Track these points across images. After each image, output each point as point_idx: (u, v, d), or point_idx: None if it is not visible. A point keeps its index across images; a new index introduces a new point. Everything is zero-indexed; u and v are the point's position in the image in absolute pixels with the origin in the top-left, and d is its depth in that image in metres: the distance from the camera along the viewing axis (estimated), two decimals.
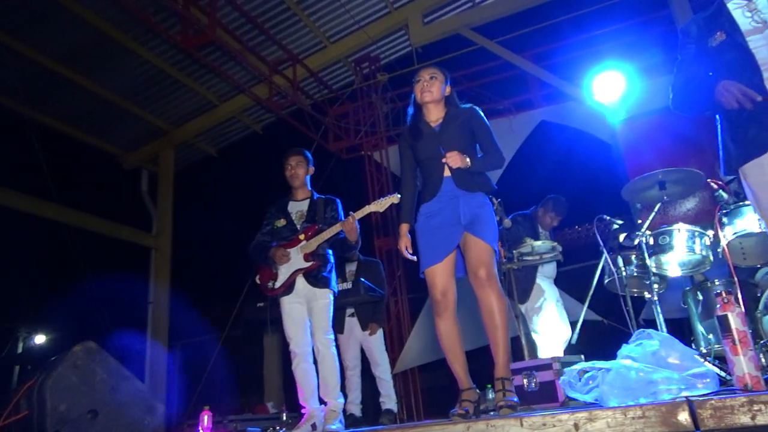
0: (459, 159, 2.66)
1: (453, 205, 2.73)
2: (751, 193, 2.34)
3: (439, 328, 2.72)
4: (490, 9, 7.15)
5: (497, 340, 2.59)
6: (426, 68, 2.92)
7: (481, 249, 2.65)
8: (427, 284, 2.76)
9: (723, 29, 2.32)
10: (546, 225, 4.72)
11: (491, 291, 2.60)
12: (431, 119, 2.91)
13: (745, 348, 1.78)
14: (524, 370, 3.55)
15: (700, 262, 3.65)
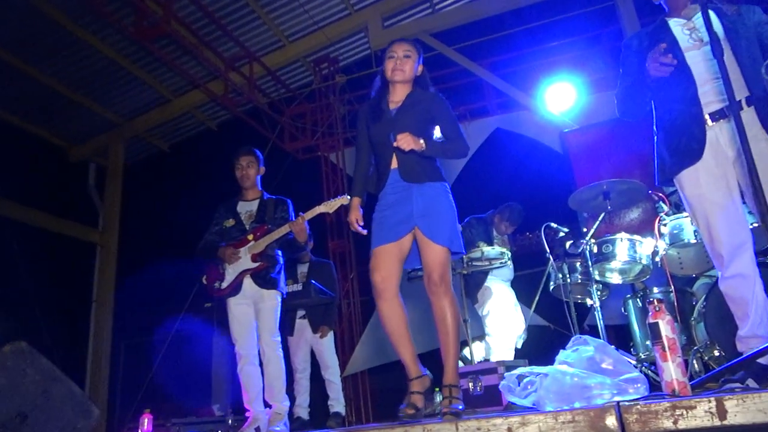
0: (411, 141, 2.44)
1: (406, 196, 2.57)
2: (687, 203, 2.45)
3: (381, 310, 2.56)
4: (449, 16, 7.23)
5: (448, 346, 2.50)
6: (400, 43, 2.68)
7: (435, 252, 2.51)
8: (370, 267, 2.60)
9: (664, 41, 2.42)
10: (501, 231, 4.79)
11: (444, 296, 2.51)
12: (394, 100, 2.70)
13: (673, 354, 1.84)
14: (470, 374, 3.59)
15: (641, 271, 3.78)
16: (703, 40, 2.37)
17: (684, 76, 2.36)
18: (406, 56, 2.63)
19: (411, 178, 2.57)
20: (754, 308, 2.24)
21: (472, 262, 4.27)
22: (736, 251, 2.27)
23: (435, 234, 2.52)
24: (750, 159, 1.89)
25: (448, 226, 2.57)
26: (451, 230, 2.57)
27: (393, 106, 2.69)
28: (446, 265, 2.56)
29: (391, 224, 2.57)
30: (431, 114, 2.65)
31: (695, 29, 2.41)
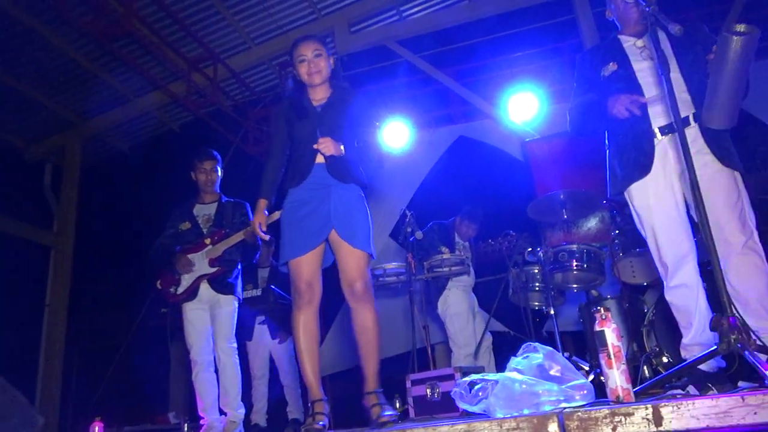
0: (333, 146, 2.44)
1: (324, 195, 2.51)
2: (635, 214, 2.52)
3: (297, 322, 2.47)
4: (415, 24, 7.29)
5: (369, 355, 2.47)
6: (306, 44, 2.60)
7: (356, 258, 2.47)
8: (291, 275, 2.53)
9: (615, 60, 2.50)
10: (463, 234, 4.81)
11: (366, 304, 2.48)
12: (315, 98, 2.65)
13: (618, 362, 1.89)
14: (428, 380, 3.60)
15: (594, 279, 3.86)
16: (653, 58, 2.45)
17: (635, 91, 2.43)
18: (317, 55, 2.58)
19: (337, 175, 2.52)
20: (698, 317, 2.31)
21: (432, 270, 4.29)
22: (681, 262, 2.34)
23: (355, 238, 2.48)
24: (692, 173, 1.96)
25: (367, 231, 2.54)
26: (368, 234, 2.54)
27: (316, 103, 2.64)
28: (366, 269, 2.51)
29: (308, 232, 2.50)
30: (353, 112, 2.62)
31: (645, 47, 2.49)
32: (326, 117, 2.58)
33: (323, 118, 2.58)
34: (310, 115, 2.60)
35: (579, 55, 2.74)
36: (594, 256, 3.77)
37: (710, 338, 2.21)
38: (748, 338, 1.76)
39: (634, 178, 2.42)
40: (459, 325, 4.51)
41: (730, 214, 2.29)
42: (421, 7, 7.40)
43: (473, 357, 4.47)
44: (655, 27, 2.15)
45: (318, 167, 2.54)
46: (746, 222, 2.29)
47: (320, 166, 2.54)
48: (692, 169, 1.95)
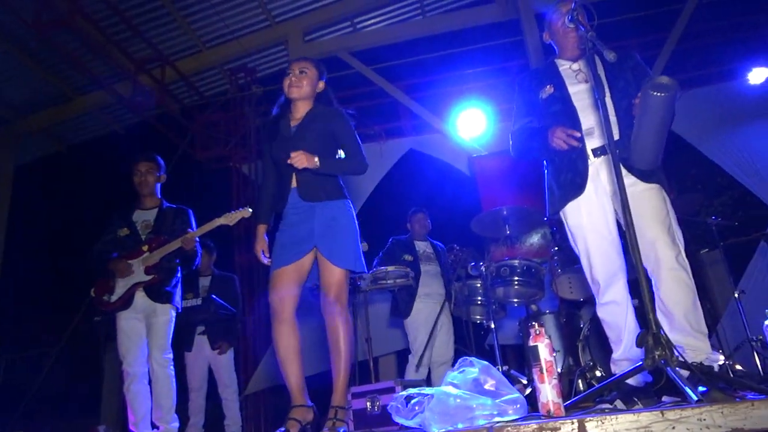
0: (305, 159, 2.43)
1: (308, 214, 2.56)
2: (570, 232, 2.59)
3: (275, 334, 2.53)
4: (369, 37, 7.36)
5: (339, 367, 2.50)
6: (297, 61, 2.70)
7: (330, 273, 2.54)
8: (269, 287, 2.60)
9: (552, 83, 2.58)
10: (419, 234, 4.78)
11: (339, 316, 2.52)
12: (295, 117, 2.69)
13: (550, 376, 1.93)
14: (368, 394, 3.59)
15: (534, 294, 3.95)
16: (588, 81, 2.54)
17: (570, 115, 2.51)
18: (302, 72, 2.63)
19: (310, 198, 2.57)
20: (627, 333, 2.39)
21: (377, 281, 4.29)
22: (611, 279, 2.42)
23: (335, 256, 2.53)
24: (623, 193, 2.03)
25: (349, 246, 2.57)
26: (352, 250, 2.58)
27: (294, 123, 2.67)
28: (343, 285, 2.57)
29: (291, 245, 2.57)
30: (332, 130, 2.64)
31: (580, 71, 2.59)
32: (298, 136, 2.61)
33: (295, 138, 2.60)
34: (283, 136, 2.64)
35: (519, 77, 2.82)
36: (534, 271, 3.85)
37: (638, 354, 2.28)
38: (671, 355, 1.82)
39: (569, 197, 2.49)
40: (412, 334, 4.50)
41: (659, 231, 2.37)
42: (375, 20, 7.48)
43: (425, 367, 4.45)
44: (592, 52, 2.23)
45: (293, 192, 2.60)
46: (675, 239, 2.39)
47: (294, 191, 2.60)
48: (623, 188, 2.02)
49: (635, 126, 2.30)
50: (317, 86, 2.69)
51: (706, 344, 2.24)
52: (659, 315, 2.32)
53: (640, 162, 2.36)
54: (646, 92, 2.12)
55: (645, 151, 2.33)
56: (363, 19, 7.45)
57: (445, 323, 4.48)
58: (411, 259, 4.51)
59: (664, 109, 2.15)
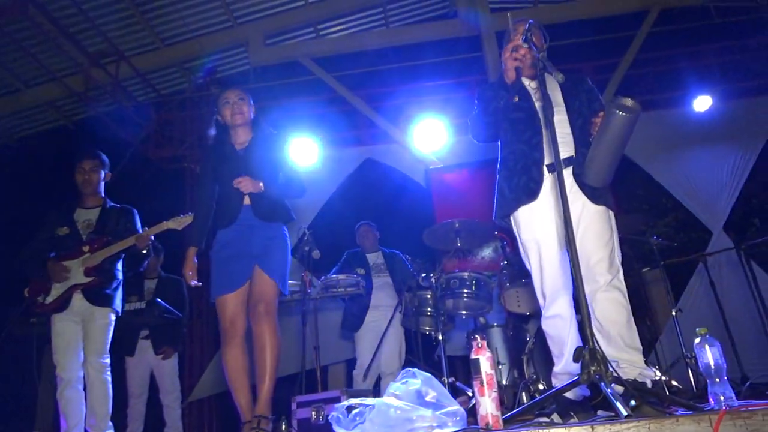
0: (251, 184, 2.65)
1: (247, 234, 2.71)
2: (520, 243, 2.63)
3: (225, 357, 2.65)
4: (332, 44, 7.36)
5: (264, 377, 2.57)
6: (232, 90, 2.92)
7: (264, 283, 2.65)
8: (217, 311, 2.72)
9: (519, 94, 2.63)
10: (368, 245, 4.81)
11: (266, 327, 2.60)
12: (238, 141, 2.89)
13: (490, 389, 1.94)
14: (314, 403, 3.55)
15: (483, 307, 3.99)
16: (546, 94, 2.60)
17: (533, 123, 2.56)
18: (241, 99, 2.87)
19: (263, 216, 2.73)
20: (569, 347, 2.44)
21: (328, 289, 4.26)
22: (557, 294, 2.47)
23: (271, 270, 2.66)
24: (566, 211, 2.07)
25: (283, 267, 2.73)
26: (284, 272, 2.73)
27: (240, 147, 2.86)
28: (274, 297, 2.68)
29: (232, 272, 2.68)
30: (274, 155, 2.85)
31: (537, 89, 2.64)
32: (249, 158, 2.79)
33: (248, 160, 2.78)
34: (233, 158, 2.80)
35: (479, 88, 2.83)
36: (483, 284, 3.90)
37: (578, 368, 2.33)
38: (606, 370, 1.87)
39: (522, 201, 2.52)
40: (360, 345, 4.52)
41: (601, 253, 2.45)
42: (338, 28, 7.49)
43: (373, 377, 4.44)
44: (543, 71, 2.28)
45: (245, 209, 2.73)
46: (614, 261, 2.47)
47: (247, 208, 2.73)
48: (567, 207, 2.06)
49: (594, 143, 2.36)
50: (252, 112, 2.91)
51: (640, 360, 2.31)
52: (596, 333, 2.38)
53: (595, 180, 2.43)
54: (611, 110, 2.18)
55: (600, 170, 2.39)
56: (326, 26, 7.45)
57: (394, 333, 4.49)
58: (363, 272, 4.53)
59: (626, 129, 2.22)
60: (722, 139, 6.08)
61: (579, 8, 7.20)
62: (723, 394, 1.93)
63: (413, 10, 7.55)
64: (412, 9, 7.53)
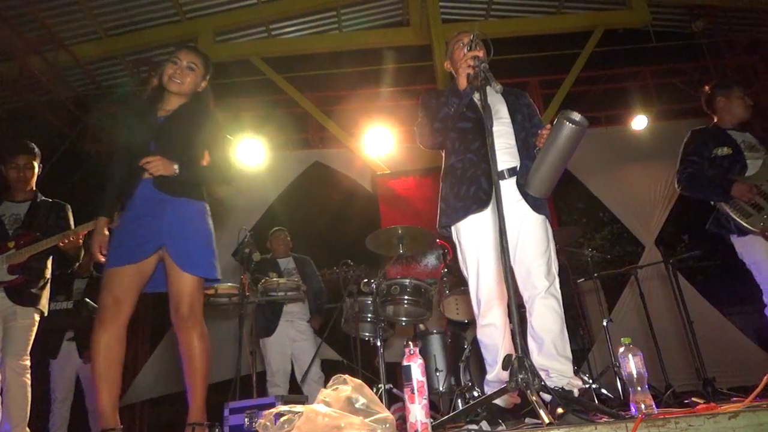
0: (161, 166, 2.28)
1: (158, 210, 2.33)
2: (461, 250, 2.65)
3: (96, 343, 2.20)
4: (284, 45, 7.28)
5: (196, 384, 2.32)
6: (188, 51, 2.50)
7: (184, 281, 2.32)
8: (103, 285, 2.31)
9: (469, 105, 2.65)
10: (281, 250, 4.77)
11: (193, 331, 2.33)
12: (165, 108, 2.47)
13: (420, 397, 1.94)
14: (248, 409, 3.46)
15: (423, 314, 4.01)
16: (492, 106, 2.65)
17: (482, 133, 2.58)
18: (190, 68, 2.47)
19: (167, 189, 2.35)
20: (501, 356, 2.46)
21: (268, 293, 4.18)
22: (493, 302, 2.51)
23: (185, 261, 2.32)
24: (502, 220, 2.10)
25: (202, 251, 2.37)
26: (205, 256, 2.38)
27: (162, 113, 2.47)
28: (196, 295, 2.35)
29: (135, 242, 2.29)
30: (201, 132, 2.47)
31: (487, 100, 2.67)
32: (165, 128, 2.41)
33: (161, 130, 2.40)
34: (149, 124, 2.42)
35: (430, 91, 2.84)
36: (424, 291, 3.91)
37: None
38: (534, 378, 1.90)
39: (471, 210, 2.54)
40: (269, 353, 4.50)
41: (539, 261, 2.50)
42: (291, 29, 7.42)
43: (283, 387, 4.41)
44: (484, 83, 2.32)
45: (145, 182, 2.36)
46: (551, 269, 2.52)
47: (147, 181, 2.36)
48: (502, 216, 2.08)
49: (541, 154, 2.41)
50: (200, 85, 2.52)
51: (570, 370, 2.36)
52: (530, 340, 2.43)
53: (538, 190, 2.47)
54: (561, 122, 2.22)
55: (544, 180, 2.44)
56: (279, 26, 7.37)
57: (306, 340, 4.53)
58: (276, 276, 4.49)
59: (573, 141, 2.26)
60: (657, 158, 6.35)
61: (528, 24, 7.41)
62: (644, 402, 2.00)
63: (367, 16, 7.56)
64: (365, 15, 7.54)
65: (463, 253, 2.63)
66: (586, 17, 7.32)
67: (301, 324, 4.67)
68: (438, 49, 6.48)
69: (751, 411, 1.48)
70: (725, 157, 3.26)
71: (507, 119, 2.68)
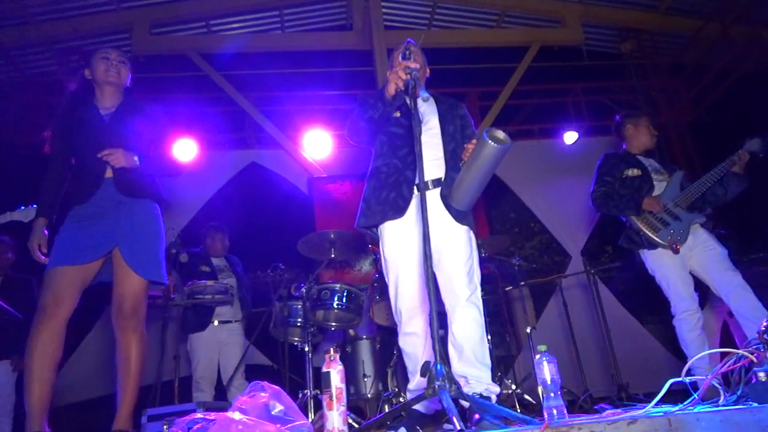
0: (122, 158, 2.34)
1: (112, 212, 2.36)
2: (383, 258, 2.65)
3: (34, 340, 2.18)
4: (222, 41, 7.13)
5: (127, 388, 2.30)
6: (112, 49, 2.60)
7: (133, 283, 2.34)
8: (44, 284, 2.28)
9: (401, 110, 2.66)
10: (217, 248, 4.65)
11: (133, 333, 2.32)
12: (104, 105, 2.52)
13: (338, 403, 1.94)
14: (167, 416, 3.35)
15: (353, 319, 4.01)
16: (423, 119, 2.67)
17: (410, 141, 2.60)
18: (121, 62, 2.56)
19: (128, 192, 2.40)
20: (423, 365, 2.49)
21: (194, 295, 4.06)
22: (415, 311, 2.53)
23: (137, 263, 2.34)
24: (426, 228, 2.11)
25: (154, 253, 2.42)
26: (156, 258, 2.42)
27: (105, 112, 2.51)
28: (142, 297, 2.37)
29: (87, 243, 2.30)
30: (147, 126, 2.56)
31: (416, 108, 2.69)
32: (115, 126, 2.46)
33: (112, 127, 2.45)
34: (95, 124, 2.44)
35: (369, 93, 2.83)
36: (354, 296, 3.91)
37: None
38: (451, 385, 1.92)
39: (388, 216, 2.55)
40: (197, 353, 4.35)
41: (461, 270, 2.53)
42: (232, 26, 7.27)
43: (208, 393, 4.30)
44: (414, 91, 2.34)
45: (107, 182, 2.39)
46: (473, 279, 2.56)
47: (109, 181, 2.40)
48: (427, 224, 2.10)
49: (464, 168, 2.45)
50: (128, 82, 2.61)
51: (488, 376, 2.41)
52: (450, 347, 2.46)
53: (460, 203, 2.52)
54: (484, 140, 2.27)
55: (466, 194, 2.48)
56: (219, 22, 7.21)
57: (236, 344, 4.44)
58: (209, 270, 4.37)
59: (495, 159, 2.32)
60: (585, 172, 6.57)
61: (468, 36, 7.58)
62: (556, 408, 2.06)
63: (310, 18, 7.51)
64: (308, 16, 7.49)
65: (386, 261, 2.63)
66: (523, 33, 7.56)
67: (232, 326, 4.55)
68: (380, 54, 6.51)
69: (649, 417, 1.56)
70: (635, 178, 3.48)
71: (437, 129, 2.71)
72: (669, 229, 3.30)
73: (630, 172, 3.51)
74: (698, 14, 7.28)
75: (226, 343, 4.39)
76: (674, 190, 3.42)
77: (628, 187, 3.47)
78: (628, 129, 3.70)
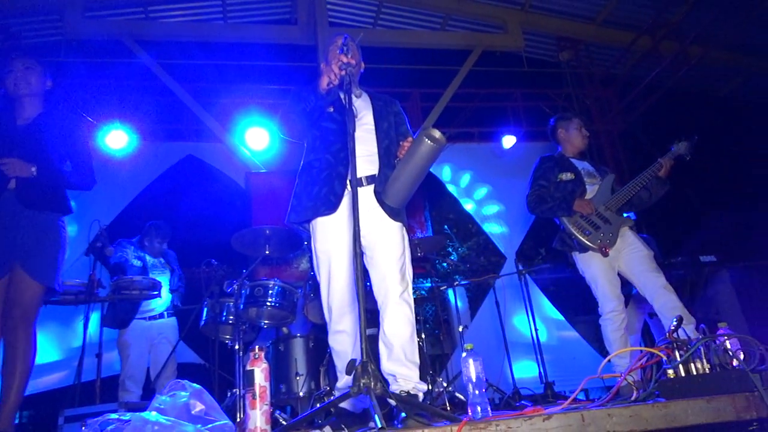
0: (18, 166, 2.36)
1: (11, 223, 2.38)
2: (315, 254, 2.62)
3: None
4: (161, 28, 6.89)
5: (11, 391, 2.29)
6: (18, 57, 2.66)
7: (25, 287, 2.36)
8: None
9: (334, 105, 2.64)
10: (155, 251, 4.52)
11: (22, 336, 2.33)
12: (23, 116, 2.55)
13: (262, 402, 1.89)
14: (86, 417, 3.19)
15: (287, 317, 3.95)
16: (357, 115, 2.65)
17: (343, 137, 2.57)
18: (27, 68, 2.58)
19: (29, 204, 2.42)
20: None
21: (120, 291, 3.90)
22: (345, 309, 2.51)
23: (35, 271, 2.40)
24: (357, 225, 2.10)
25: (52, 262, 2.47)
26: (53, 267, 2.47)
27: (22, 122, 2.55)
28: (35, 301, 2.42)
29: None
30: (64, 136, 2.58)
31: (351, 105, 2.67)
32: (29, 136, 2.48)
33: (25, 138, 2.47)
34: (9, 134, 2.48)
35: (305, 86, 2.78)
36: (288, 294, 3.85)
37: None
38: (377, 383, 1.92)
39: (319, 212, 2.52)
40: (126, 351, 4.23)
41: (393, 267, 2.54)
42: (171, 13, 7.03)
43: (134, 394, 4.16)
44: (350, 86, 2.33)
45: (9, 194, 2.42)
46: (405, 276, 2.57)
47: (11, 193, 2.43)
48: (357, 221, 2.09)
49: (399, 166, 2.44)
50: (46, 84, 2.63)
51: (416, 375, 2.42)
52: (381, 345, 2.46)
53: (393, 200, 2.52)
54: (420, 139, 2.27)
55: (400, 191, 2.48)
56: (157, 8, 6.95)
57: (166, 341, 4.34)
58: (140, 264, 4.27)
59: (430, 157, 2.33)
60: (522, 175, 6.76)
61: (413, 36, 7.62)
62: (480, 405, 2.10)
63: (253, 10, 7.37)
64: (252, 8, 7.34)
65: (317, 257, 2.61)
66: (466, 37, 7.69)
67: (162, 323, 4.41)
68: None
69: (564, 413, 1.61)
70: (569, 182, 3.60)
71: (371, 126, 2.70)
72: (599, 232, 3.42)
73: (564, 176, 3.63)
74: (632, 28, 7.61)
75: (155, 339, 4.25)
76: (605, 194, 3.56)
77: (562, 191, 3.59)
78: (560, 132, 3.84)
